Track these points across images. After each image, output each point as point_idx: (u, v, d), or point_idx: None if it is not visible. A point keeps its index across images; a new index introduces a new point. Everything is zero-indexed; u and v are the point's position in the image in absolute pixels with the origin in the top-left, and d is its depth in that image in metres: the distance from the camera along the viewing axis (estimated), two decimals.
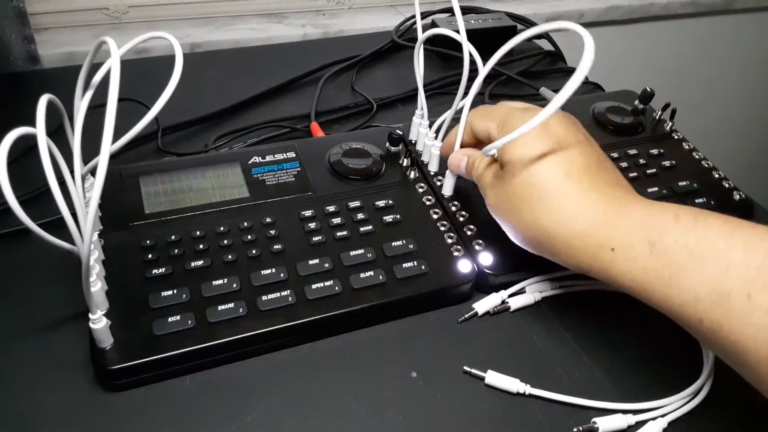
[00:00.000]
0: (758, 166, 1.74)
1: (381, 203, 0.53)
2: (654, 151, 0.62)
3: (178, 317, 0.43)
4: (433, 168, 0.57)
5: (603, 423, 0.41)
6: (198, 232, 0.49)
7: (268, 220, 0.50)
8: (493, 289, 0.50)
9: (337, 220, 0.51)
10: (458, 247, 0.50)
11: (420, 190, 0.55)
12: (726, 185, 0.59)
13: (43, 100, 0.35)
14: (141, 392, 0.42)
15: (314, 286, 0.46)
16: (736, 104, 1.58)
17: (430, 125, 0.58)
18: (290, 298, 0.45)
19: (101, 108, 0.33)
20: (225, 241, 0.48)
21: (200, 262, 0.47)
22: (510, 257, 0.50)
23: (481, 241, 0.51)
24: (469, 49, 0.49)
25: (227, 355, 0.43)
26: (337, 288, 0.46)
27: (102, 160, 0.33)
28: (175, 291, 0.45)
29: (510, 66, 0.82)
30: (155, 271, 0.46)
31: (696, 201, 0.57)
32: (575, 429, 0.41)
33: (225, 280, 0.46)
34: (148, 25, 0.94)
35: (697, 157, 0.62)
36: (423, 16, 0.88)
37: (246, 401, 0.42)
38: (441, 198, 0.55)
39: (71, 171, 0.38)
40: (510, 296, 0.49)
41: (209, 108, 0.70)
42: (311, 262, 0.48)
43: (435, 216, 0.53)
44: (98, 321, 0.40)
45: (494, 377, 0.43)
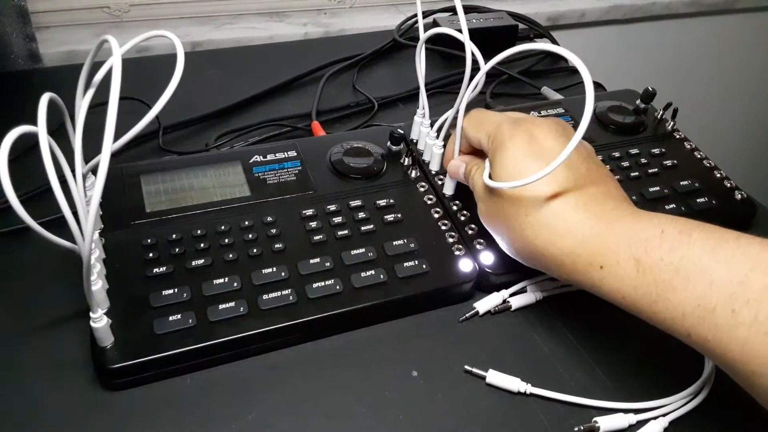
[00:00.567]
0: (760, 166, 1.74)
1: (382, 202, 0.53)
2: (656, 151, 0.61)
3: (179, 316, 0.43)
4: (435, 167, 0.57)
5: (604, 422, 0.41)
6: (199, 231, 0.49)
7: (269, 219, 0.50)
8: (494, 289, 0.50)
9: (338, 219, 0.51)
10: (459, 247, 0.50)
11: (421, 190, 0.55)
12: (728, 185, 0.59)
13: (45, 99, 0.35)
14: (141, 391, 0.42)
15: (315, 285, 0.46)
16: (738, 103, 1.58)
17: (432, 124, 0.58)
18: (291, 297, 0.45)
19: (102, 106, 0.33)
20: (226, 240, 0.48)
21: (201, 261, 0.47)
22: (511, 257, 0.50)
23: (482, 241, 0.51)
24: (472, 49, 0.48)
25: (228, 354, 0.43)
26: (338, 287, 0.46)
27: (103, 159, 0.33)
28: (176, 290, 0.44)
29: (511, 65, 0.82)
30: (156, 270, 0.46)
31: (698, 200, 0.57)
32: (576, 428, 0.41)
33: (226, 279, 0.46)
34: (150, 24, 0.94)
35: (699, 157, 0.62)
36: (424, 15, 0.88)
37: (247, 400, 0.42)
38: (442, 197, 0.55)
39: (72, 170, 0.38)
40: (511, 295, 0.49)
41: (210, 107, 0.70)
42: (312, 261, 0.48)
43: (436, 215, 0.53)
44: (99, 320, 0.40)
45: (495, 376, 0.43)
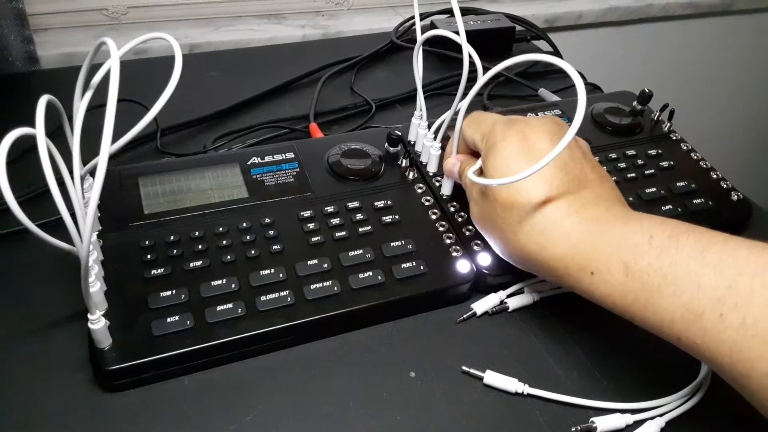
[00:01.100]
0: (756, 167, 1.74)
1: (380, 204, 0.53)
2: (652, 152, 0.62)
3: (177, 317, 0.43)
4: (432, 169, 0.57)
5: (601, 423, 0.41)
6: (197, 233, 0.49)
7: (267, 221, 0.50)
8: (492, 290, 0.50)
9: (336, 221, 0.51)
10: (457, 248, 0.50)
11: (419, 191, 0.55)
12: (724, 186, 0.59)
13: (43, 101, 0.35)
14: (140, 393, 0.42)
15: (313, 287, 0.46)
16: (735, 105, 1.58)
17: (429, 126, 0.58)
18: (289, 299, 0.45)
19: (100, 109, 0.33)
20: (224, 242, 0.48)
21: (199, 263, 0.47)
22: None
23: (480, 242, 0.51)
24: (469, 52, 0.49)
25: (226, 356, 0.43)
26: (336, 288, 0.46)
27: (101, 161, 0.33)
28: (174, 291, 0.45)
29: (509, 67, 0.82)
30: (154, 272, 0.46)
31: (694, 201, 0.57)
32: (573, 429, 0.41)
33: (224, 281, 0.46)
34: (148, 26, 0.94)
35: (696, 158, 0.62)
36: (421, 17, 0.88)
37: (245, 401, 0.42)
38: (440, 198, 0.55)
39: (70, 172, 0.38)
40: (508, 296, 0.49)
41: (208, 109, 0.71)
42: (310, 263, 0.48)
43: (434, 216, 0.53)
44: (97, 321, 0.40)
45: (493, 377, 0.43)
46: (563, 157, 0.43)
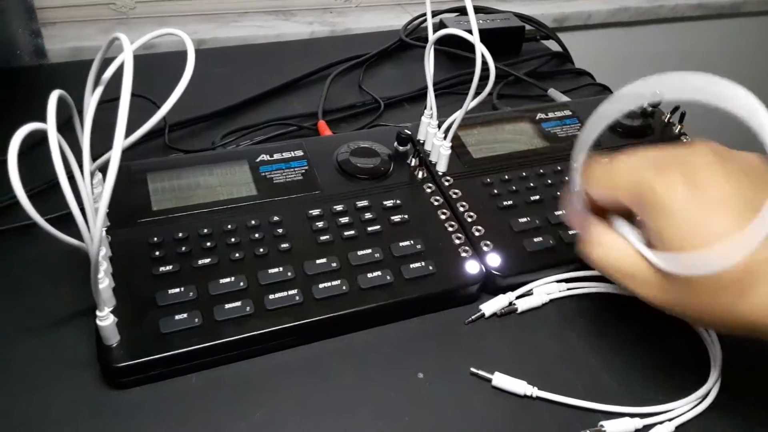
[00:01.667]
0: None
1: (389, 203, 0.53)
2: None
3: (185, 315, 0.43)
4: (442, 168, 0.57)
5: (610, 426, 0.41)
6: (205, 230, 0.48)
7: (276, 219, 0.50)
8: (501, 291, 0.49)
9: (345, 220, 0.51)
10: (466, 248, 0.50)
11: (428, 191, 0.55)
12: None
13: (54, 96, 0.35)
14: (147, 390, 0.42)
15: (321, 286, 0.46)
16: None
17: (439, 125, 0.58)
18: (297, 298, 0.45)
19: (109, 103, 0.33)
20: (232, 239, 0.48)
21: (207, 260, 0.46)
22: (518, 259, 0.50)
23: (489, 242, 0.51)
24: (482, 51, 0.48)
25: (234, 354, 0.43)
26: (345, 288, 0.46)
27: (114, 157, 0.33)
28: (182, 289, 0.44)
29: (518, 67, 0.82)
30: (162, 269, 0.46)
31: None
32: None
33: (232, 279, 0.45)
34: (155, 21, 0.94)
35: None
36: (431, 16, 0.88)
37: (252, 400, 0.42)
38: (449, 198, 0.55)
39: (80, 166, 0.38)
40: (518, 298, 0.49)
41: (216, 105, 0.70)
42: (318, 262, 0.47)
43: (443, 216, 0.53)
44: (105, 318, 0.40)
45: (501, 379, 0.43)
46: (741, 188, 0.34)
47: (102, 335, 0.41)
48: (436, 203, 0.54)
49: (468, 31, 0.49)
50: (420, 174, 0.56)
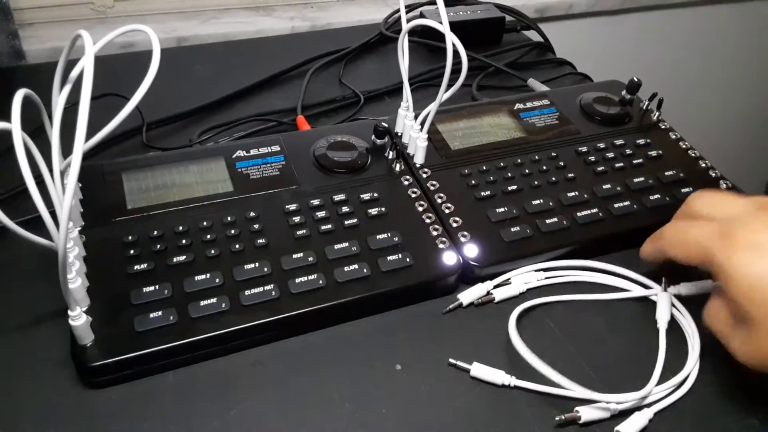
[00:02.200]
0: (745, 155, 1.74)
1: (366, 196, 0.53)
2: (641, 141, 0.61)
3: (160, 313, 0.43)
4: (419, 160, 0.57)
5: (585, 412, 0.41)
6: (181, 227, 0.48)
7: (252, 215, 0.50)
8: (479, 281, 0.49)
9: (322, 214, 0.51)
10: (443, 239, 0.50)
11: (405, 183, 0.55)
12: (713, 174, 0.59)
13: (19, 95, 0.34)
14: (123, 389, 0.41)
15: (298, 280, 0.46)
16: (724, 94, 1.58)
17: (416, 117, 0.58)
18: (274, 293, 0.45)
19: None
20: (208, 236, 0.48)
21: (183, 258, 0.46)
22: (495, 249, 0.50)
23: (467, 233, 0.51)
24: (453, 41, 0.48)
25: (210, 351, 0.43)
26: (321, 282, 0.46)
27: (75, 156, 0.33)
28: (157, 287, 0.44)
29: (498, 57, 0.82)
30: (137, 267, 0.45)
31: (682, 190, 0.56)
32: (557, 418, 0.41)
33: (207, 275, 0.45)
34: (135, 20, 0.93)
35: (684, 147, 0.62)
36: (412, 8, 0.87)
37: (230, 396, 0.41)
38: (426, 190, 0.55)
39: (49, 167, 0.38)
40: (495, 287, 0.49)
41: (196, 102, 0.70)
42: (295, 256, 0.47)
43: (420, 208, 0.53)
44: (78, 318, 0.40)
45: (479, 369, 0.43)
46: None
47: (75, 335, 0.40)
48: (414, 195, 0.54)
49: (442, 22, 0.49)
50: (398, 167, 0.56)
